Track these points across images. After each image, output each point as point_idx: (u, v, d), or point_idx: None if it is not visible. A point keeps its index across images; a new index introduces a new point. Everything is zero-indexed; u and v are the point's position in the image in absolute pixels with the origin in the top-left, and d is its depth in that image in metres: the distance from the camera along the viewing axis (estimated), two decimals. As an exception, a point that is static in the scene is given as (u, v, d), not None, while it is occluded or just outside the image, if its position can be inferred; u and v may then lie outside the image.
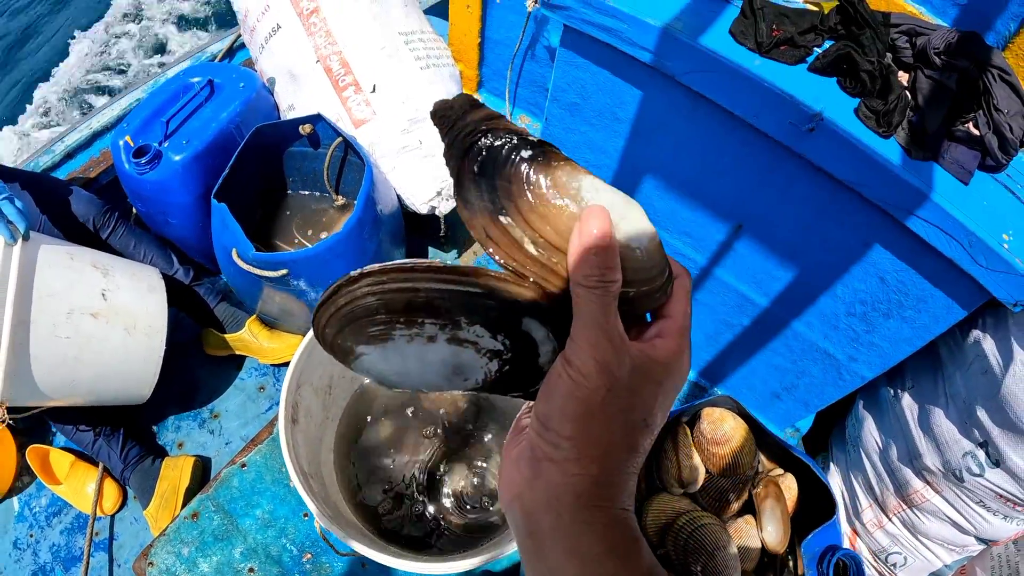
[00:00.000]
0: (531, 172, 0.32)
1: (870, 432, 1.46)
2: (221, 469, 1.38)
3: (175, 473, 1.57)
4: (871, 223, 1.13)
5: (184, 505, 1.45)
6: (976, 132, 1.14)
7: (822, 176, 1.11)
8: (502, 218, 0.33)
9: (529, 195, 0.32)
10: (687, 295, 0.36)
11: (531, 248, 0.33)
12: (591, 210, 0.31)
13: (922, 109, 1.10)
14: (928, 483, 1.38)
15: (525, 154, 0.32)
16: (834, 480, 1.57)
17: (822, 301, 1.29)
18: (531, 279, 0.33)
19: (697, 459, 1.01)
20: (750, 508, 1.05)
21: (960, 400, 1.30)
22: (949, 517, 1.38)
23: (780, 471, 1.07)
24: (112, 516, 1.60)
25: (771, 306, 1.35)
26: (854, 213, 1.14)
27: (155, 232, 1.70)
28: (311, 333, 1.07)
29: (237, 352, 1.72)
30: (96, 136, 1.78)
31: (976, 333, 1.28)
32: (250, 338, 1.65)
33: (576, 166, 0.33)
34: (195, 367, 1.77)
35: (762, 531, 1.00)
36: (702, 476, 1.01)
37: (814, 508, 0.99)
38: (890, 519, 1.46)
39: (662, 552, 0.96)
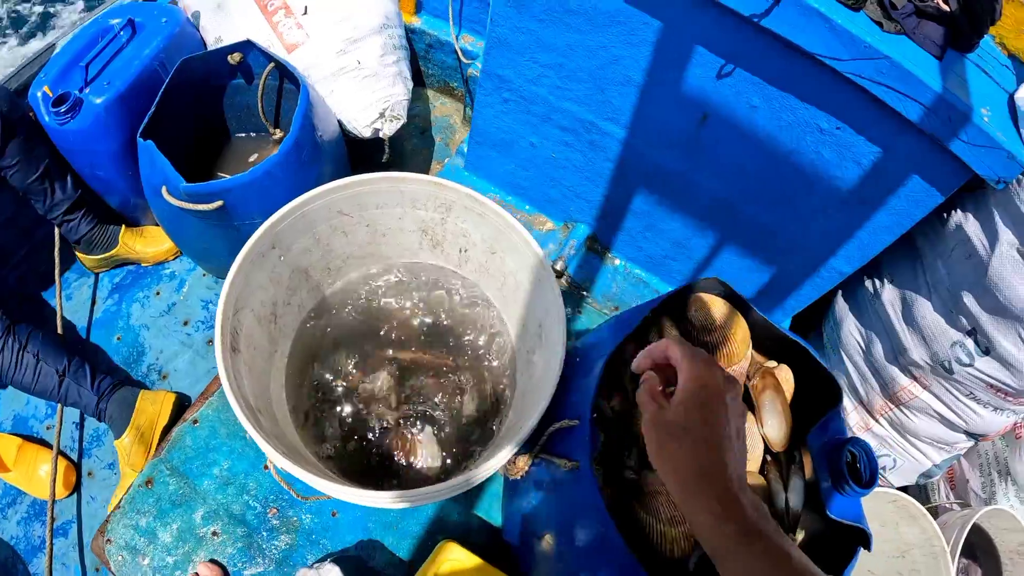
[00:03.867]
0: None
1: (850, 332, 1.41)
2: (171, 428, 1.29)
3: (154, 408, 1.46)
4: (844, 103, 1.06)
5: (159, 444, 1.34)
6: (946, 8, 1.09)
7: (792, 53, 1.04)
8: None
9: None
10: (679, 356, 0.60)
11: None
12: None
13: (890, -16, 1.05)
14: (915, 379, 1.33)
15: None
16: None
17: (795, 193, 1.22)
18: None
19: None
20: (748, 405, 0.98)
21: (943, 289, 1.25)
22: (938, 413, 1.34)
23: (774, 363, 0.99)
24: (70, 496, 1.49)
25: (741, 203, 1.28)
26: (826, 94, 1.07)
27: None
28: (245, 252, 0.98)
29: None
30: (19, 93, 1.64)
31: (957, 217, 1.22)
32: (127, 251, 1.68)
33: None
34: (138, 328, 1.66)
35: (763, 427, 0.93)
36: None
37: (814, 401, 0.92)
38: (877, 420, 1.41)
39: None
